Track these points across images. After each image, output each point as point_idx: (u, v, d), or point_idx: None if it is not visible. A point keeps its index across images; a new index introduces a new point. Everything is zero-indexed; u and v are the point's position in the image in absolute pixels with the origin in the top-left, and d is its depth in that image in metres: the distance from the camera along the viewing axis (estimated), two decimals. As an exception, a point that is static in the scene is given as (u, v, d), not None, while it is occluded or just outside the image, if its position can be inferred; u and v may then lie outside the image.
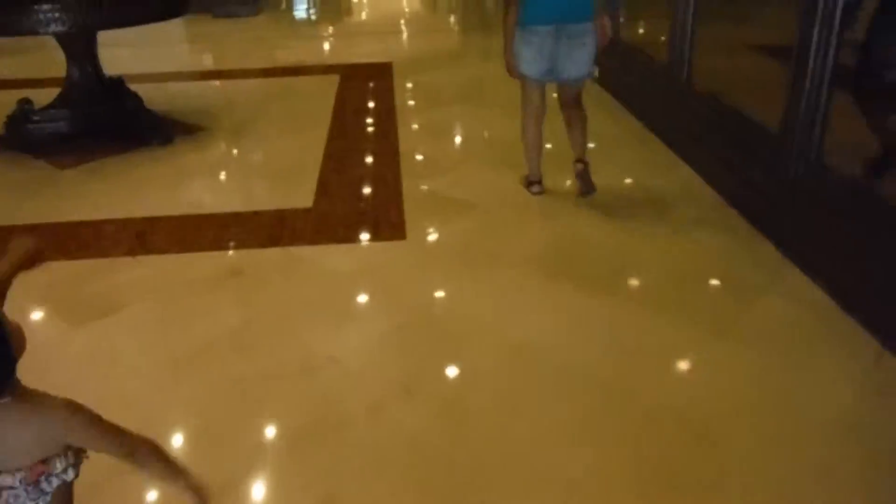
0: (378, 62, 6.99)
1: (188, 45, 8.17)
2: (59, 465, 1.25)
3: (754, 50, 4.65)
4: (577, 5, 3.29)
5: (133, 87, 5.10)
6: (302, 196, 3.89)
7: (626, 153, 4.47)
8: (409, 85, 6.17)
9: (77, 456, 1.30)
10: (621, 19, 5.62)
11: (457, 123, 5.14)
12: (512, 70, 3.51)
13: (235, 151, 4.76)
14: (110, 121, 4.81)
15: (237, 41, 8.35)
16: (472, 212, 3.69)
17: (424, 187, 3.99)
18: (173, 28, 9.06)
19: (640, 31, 6.05)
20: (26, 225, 3.61)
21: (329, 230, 3.55)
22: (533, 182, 3.81)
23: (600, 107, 5.35)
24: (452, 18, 10.62)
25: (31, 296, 2.93)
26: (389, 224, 3.57)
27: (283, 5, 11.68)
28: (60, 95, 4.84)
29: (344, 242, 3.43)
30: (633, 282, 3.04)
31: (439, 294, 2.98)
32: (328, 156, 4.51)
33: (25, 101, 4.83)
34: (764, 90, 3.92)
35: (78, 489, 1.35)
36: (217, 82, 6.52)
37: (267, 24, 9.49)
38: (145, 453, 1.31)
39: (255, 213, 3.74)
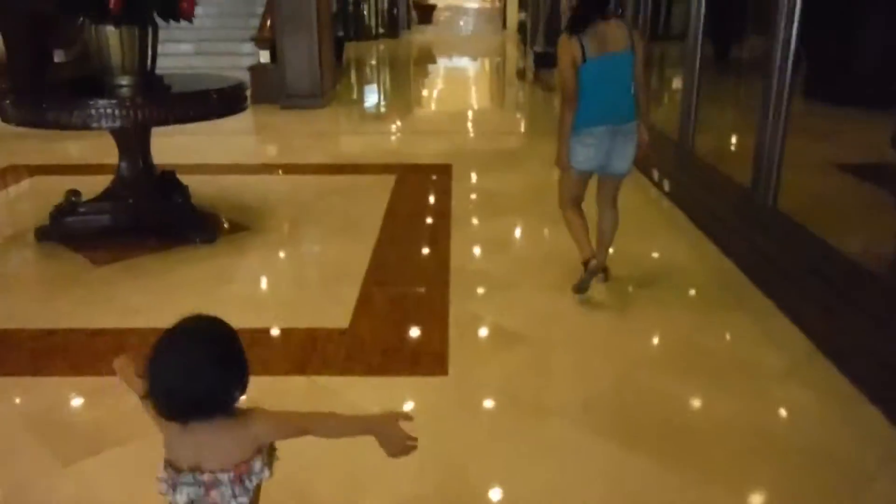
0: (437, 163, 6.79)
1: (249, 136, 8.18)
2: (257, 466, 1.46)
3: (854, 171, 4.21)
4: (626, 108, 3.57)
5: (186, 178, 4.97)
6: (339, 313, 3.56)
7: (700, 284, 4.03)
8: (467, 189, 5.91)
9: (270, 456, 1.52)
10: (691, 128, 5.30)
11: (514, 237, 4.80)
12: (563, 166, 3.71)
13: (278, 255, 4.51)
14: (154, 217, 4.64)
15: (299, 134, 8.33)
16: (523, 345, 3.30)
17: (473, 311, 3.62)
18: (238, 117, 9.15)
19: (718, 143, 5.67)
20: (43, 329, 3.37)
21: (364, 357, 3.19)
22: (589, 259, 3.75)
23: (671, 225, 4.95)
24: (519, 118, 10.50)
25: (26, 422, 2.63)
26: (431, 355, 3.19)
27: (353, 97, 11.82)
28: (108, 188, 4.72)
29: (378, 374, 3.06)
30: (707, 450, 2.56)
31: (475, 454, 2.55)
32: (374, 265, 4.21)
33: (73, 193, 4.73)
34: (870, 223, 3.47)
35: None
36: (271, 176, 6.40)
37: (331, 117, 9.52)
38: (322, 419, 1.58)
39: (286, 332, 3.43)
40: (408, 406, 2.82)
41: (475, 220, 5.14)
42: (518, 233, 4.87)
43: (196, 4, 4.52)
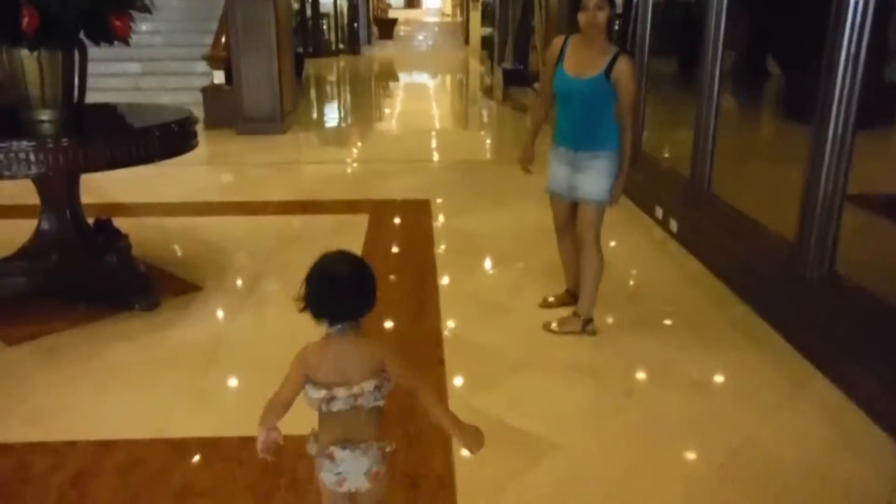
0: (413, 198, 6.11)
1: (203, 167, 7.38)
2: (386, 380, 1.78)
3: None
4: (582, 136, 3.40)
5: (126, 222, 4.22)
6: (306, 413, 2.83)
7: (731, 351, 3.41)
8: (450, 232, 5.24)
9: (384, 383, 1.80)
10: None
11: (512, 296, 4.11)
12: (520, 161, 3.76)
13: (234, 327, 3.75)
14: (82, 280, 3.86)
15: (257, 164, 7.56)
16: (546, 457, 2.62)
17: (479, 407, 2.93)
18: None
19: (743, 180, 5.07)
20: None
21: (345, 482, 2.47)
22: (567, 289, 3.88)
23: (683, 275, 4.33)
24: (492, 141, 9.86)
25: None
26: (432, 478, 2.49)
27: (315, 119, 11.07)
28: (25, 245, 3.92)
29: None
30: None
31: None
32: None
33: (-17, 249, 3.93)
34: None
35: None
36: (227, 218, 5.62)
37: (292, 144, 8.77)
38: (431, 393, 1.86)
39: (245, 442, 2.69)
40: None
41: (464, 272, 4.45)
42: (515, 290, 4.19)
43: (133, 22, 3.76)
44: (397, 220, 5.52)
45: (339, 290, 1.76)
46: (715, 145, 4.67)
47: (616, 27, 6.55)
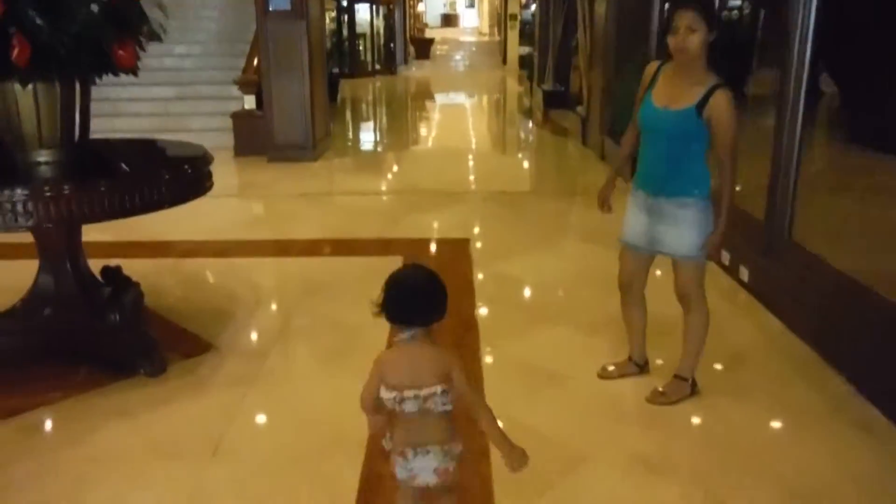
0: (450, 237, 5.62)
1: (229, 199, 6.98)
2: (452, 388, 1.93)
3: None
4: (661, 179, 2.96)
5: (138, 265, 3.79)
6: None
7: (833, 442, 2.83)
8: (493, 280, 4.72)
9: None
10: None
11: (567, 363, 3.56)
12: (599, 201, 3.33)
13: (246, 401, 3.26)
14: (82, 341, 3.44)
15: (287, 195, 7.15)
16: None
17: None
18: (221, 174, 8.01)
19: (831, 224, 4.47)
20: None
21: None
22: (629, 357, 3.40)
23: (758, 332, 3.74)
24: (534, 170, 9.34)
25: None
26: None
27: (349, 145, 10.68)
28: (21, 301, 3.51)
29: None
30: None
31: None
32: None
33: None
34: None
35: None
36: (250, 260, 5.19)
37: (325, 173, 8.35)
38: (487, 411, 1.97)
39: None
40: None
41: (509, 336, 3.89)
42: (570, 355, 3.66)
43: (143, 50, 3.35)
44: (434, 265, 5.01)
45: (413, 297, 1.95)
46: (796, 185, 4.08)
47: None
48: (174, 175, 3.33)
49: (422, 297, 1.95)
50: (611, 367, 3.39)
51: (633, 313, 3.29)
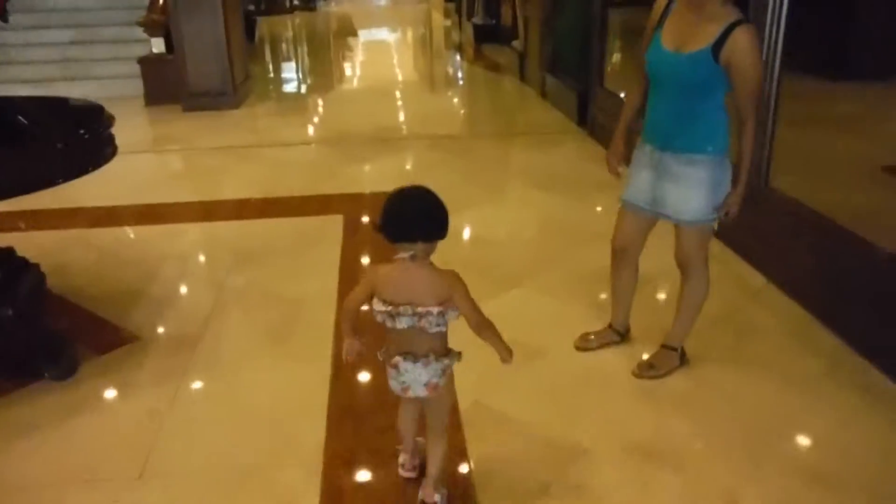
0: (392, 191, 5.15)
1: (144, 155, 6.31)
2: (452, 309, 1.92)
3: None
4: (671, 131, 2.57)
5: (42, 238, 3.25)
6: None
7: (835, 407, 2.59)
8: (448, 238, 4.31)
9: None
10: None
11: (538, 339, 3.19)
12: (609, 168, 2.91)
13: (173, 402, 2.78)
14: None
15: (209, 148, 6.51)
16: None
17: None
18: (130, 126, 7.27)
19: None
20: None
21: None
22: (609, 325, 3.09)
23: (786, 330, 3.46)
24: (473, 110, 8.87)
25: None
26: None
27: (271, 89, 9.94)
28: None
29: None
30: None
31: None
32: (336, 420, 2.62)
33: None
34: None
35: None
36: (172, 227, 4.62)
37: (248, 122, 7.68)
38: (488, 326, 1.99)
39: None
40: None
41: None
42: (544, 325, 3.31)
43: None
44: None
45: (416, 211, 1.91)
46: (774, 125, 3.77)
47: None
48: (70, 144, 2.78)
49: (425, 211, 1.90)
50: (591, 337, 3.07)
51: (624, 279, 2.95)
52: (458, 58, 12.71)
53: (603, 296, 3.42)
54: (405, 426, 2.23)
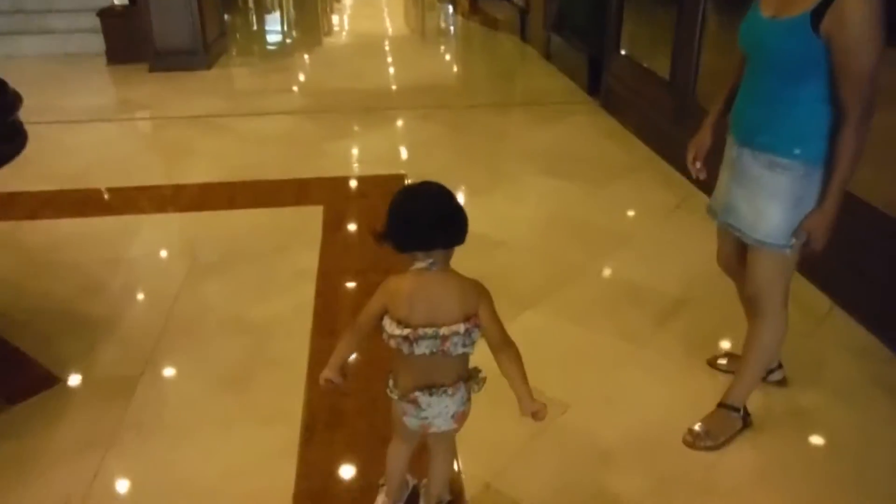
0: (383, 174, 4.49)
1: (101, 125, 5.57)
2: (477, 328, 1.57)
3: None
4: (754, 118, 1.99)
5: None
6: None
7: None
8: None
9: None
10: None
11: (571, 389, 2.58)
12: (690, 159, 2.28)
13: (98, 474, 2.16)
14: None
15: (173, 118, 5.77)
16: None
17: None
18: (89, 90, 6.52)
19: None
20: None
21: None
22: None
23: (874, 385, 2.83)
24: (471, 77, 8.12)
25: None
26: None
27: (247, 47, 9.12)
28: None
29: None
30: None
31: None
32: (308, 465, 2.01)
33: None
34: None
35: None
36: (121, 219, 3.93)
37: (221, 85, 6.92)
38: (514, 352, 1.60)
39: None
40: None
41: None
42: (566, 361, 2.68)
43: None
44: (364, 215, 3.89)
45: (433, 214, 1.53)
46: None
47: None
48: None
49: (442, 213, 1.54)
50: (722, 361, 2.57)
51: (746, 301, 2.33)
52: (450, 10, 11.84)
53: (637, 319, 2.81)
54: (397, 463, 1.87)
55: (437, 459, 1.84)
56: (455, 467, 2.07)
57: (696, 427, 2.26)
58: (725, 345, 2.70)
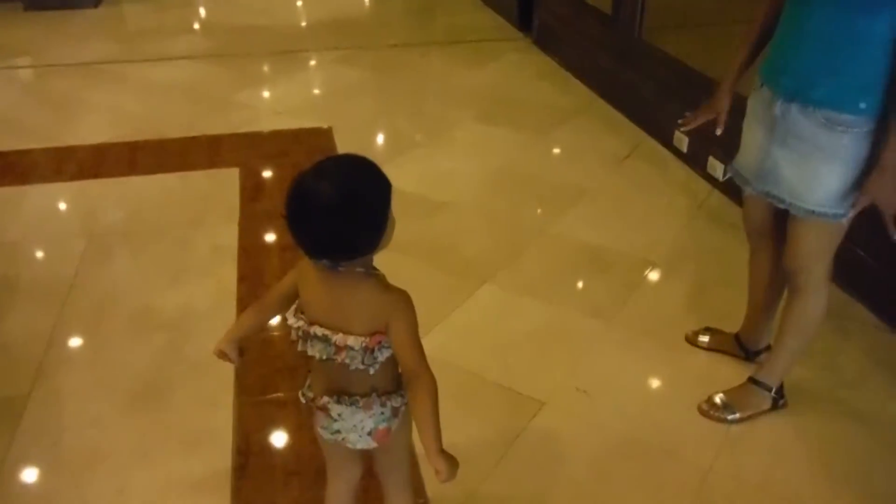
0: (305, 128, 4.03)
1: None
2: (386, 346, 1.27)
3: None
4: (806, 68, 1.65)
5: None
6: None
7: None
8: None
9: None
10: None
11: (540, 378, 2.30)
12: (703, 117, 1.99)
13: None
14: None
15: (57, 66, 5.07)
16: None
17: None
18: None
19: None
20: None
21: None
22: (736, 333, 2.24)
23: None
24: (386, 4, 7.56)
25: None
26: None
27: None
28: None
29: None
30: None
31: None
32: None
33: None
34: None
35: None
36: (5, 189, 3.37)
37: (111, 27, 6.16)
38: (426, 385, 1.25)
39: None
40: None
41: (435, 314, 2.49)
42: (538, 349, 2.39)
43: None
44: (286, 176, 3.45)
45: (320, 213, 1.17)
46: None
47: None
48: None
49: (337, 211, 1.16)
50: (705, 336, 2.33)
51: (755, 269, 2.11)
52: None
53: (603, 289, 2.55)
54: None
55: (391, 499, 1.53)
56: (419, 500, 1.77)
57: (717, 398, 2.07)
58: (702, 315, 2.46)
